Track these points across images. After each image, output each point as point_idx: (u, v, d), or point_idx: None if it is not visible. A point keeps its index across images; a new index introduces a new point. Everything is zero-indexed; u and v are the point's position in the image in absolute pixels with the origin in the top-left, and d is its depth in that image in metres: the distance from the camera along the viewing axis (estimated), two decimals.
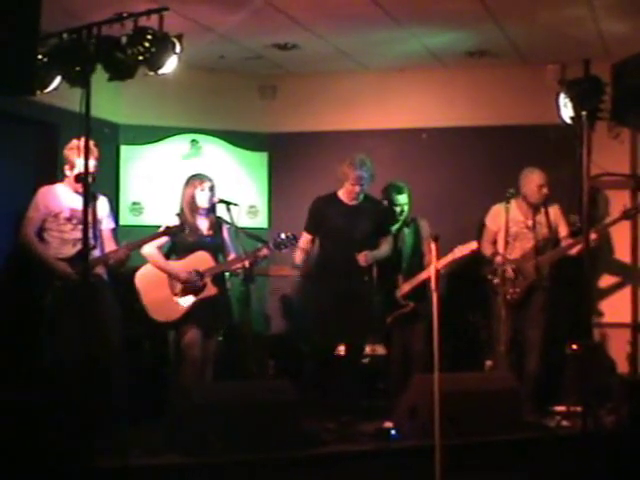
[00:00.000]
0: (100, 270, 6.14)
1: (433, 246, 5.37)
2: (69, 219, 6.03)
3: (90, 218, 5.85)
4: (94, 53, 4.97)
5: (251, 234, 6.72)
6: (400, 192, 7.25)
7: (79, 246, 5.81)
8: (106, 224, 6.32)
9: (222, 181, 6.78)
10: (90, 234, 5.77)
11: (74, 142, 5.87)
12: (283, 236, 6.59)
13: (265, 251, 6.53)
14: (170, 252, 6.61)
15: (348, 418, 6.32)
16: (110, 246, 6.26)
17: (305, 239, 6.87)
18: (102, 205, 6.30)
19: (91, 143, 5.75)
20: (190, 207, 6.56)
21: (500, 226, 6.98)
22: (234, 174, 8.46)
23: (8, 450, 4.91)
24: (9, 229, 6.38)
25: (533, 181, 7.05)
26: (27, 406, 5.14)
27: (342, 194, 6.80)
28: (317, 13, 6.55)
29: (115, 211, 7.14)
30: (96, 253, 6.05)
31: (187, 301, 6.46)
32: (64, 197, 6.08)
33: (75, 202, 5.97)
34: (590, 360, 6.11)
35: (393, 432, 5.95)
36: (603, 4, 6.31)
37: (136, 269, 6.57)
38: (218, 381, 6.61)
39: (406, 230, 7.30)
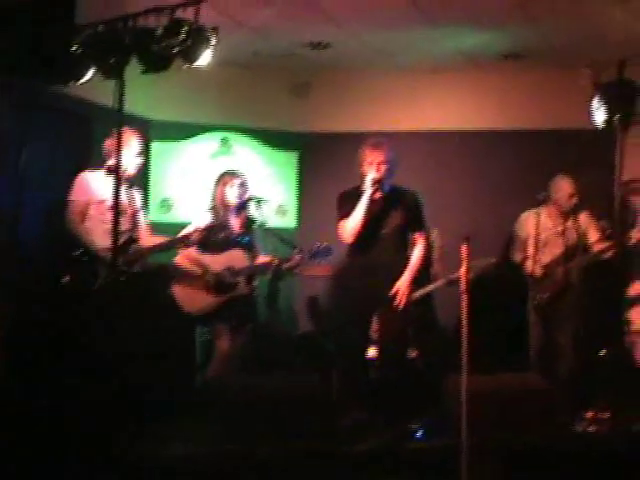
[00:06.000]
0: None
1: (464, 248, 5.35)
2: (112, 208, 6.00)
3: (130, 210, 5.96)
4: (129, 45, 4.99)
5: (283, 239, 6.65)
6: None
7: (124, 237, 5.90)
8: (142, 217, 6.36)
9: (251, 180, 6.76)
10: (129, 225, 5.99)
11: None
12: (318, 245, 6.46)
13: (298, 259, 6.49)
14: (198, 248, 6.54)
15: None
16: (150, 238, 6.29)
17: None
18: (137, 198, 6.35)
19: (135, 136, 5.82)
20: (221, 204, 6.56)
21: (529, 233, 6.96)
22: (263, 173, 8.47)
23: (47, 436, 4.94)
24: (44, 217, 6.42)
25: (564, 189, 6.99)
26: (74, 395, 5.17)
27: (365, 187, 6.17)
28: (352, 10, 6.52)
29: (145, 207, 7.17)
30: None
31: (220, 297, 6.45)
32: (106, 185, 5.98)
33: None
34: (618, 366, 6.07)
35: (419, 432, 5.93)
36: None
37: (161, 265, 6.56)
38: (245, 376, 6.59)
39: None
